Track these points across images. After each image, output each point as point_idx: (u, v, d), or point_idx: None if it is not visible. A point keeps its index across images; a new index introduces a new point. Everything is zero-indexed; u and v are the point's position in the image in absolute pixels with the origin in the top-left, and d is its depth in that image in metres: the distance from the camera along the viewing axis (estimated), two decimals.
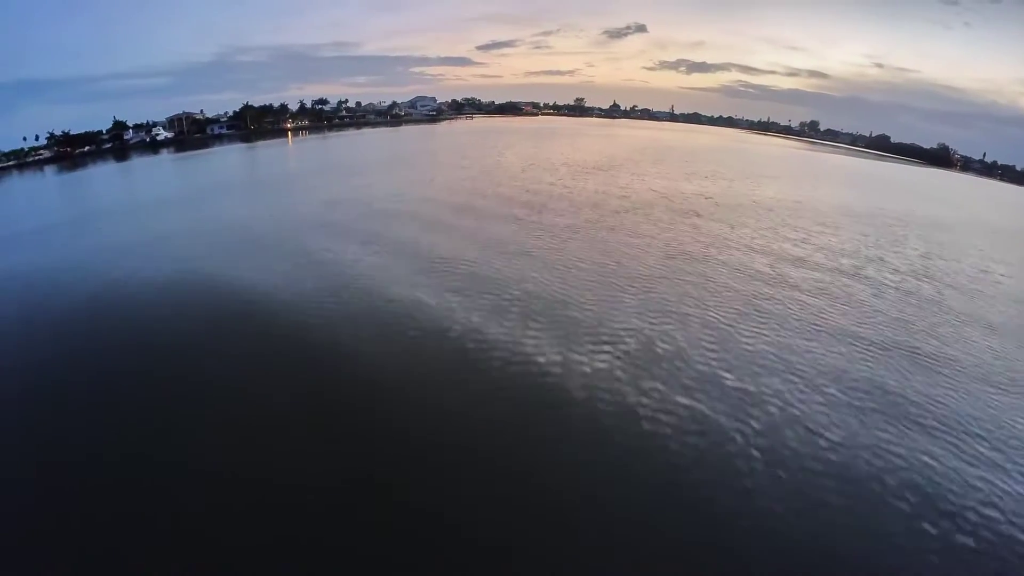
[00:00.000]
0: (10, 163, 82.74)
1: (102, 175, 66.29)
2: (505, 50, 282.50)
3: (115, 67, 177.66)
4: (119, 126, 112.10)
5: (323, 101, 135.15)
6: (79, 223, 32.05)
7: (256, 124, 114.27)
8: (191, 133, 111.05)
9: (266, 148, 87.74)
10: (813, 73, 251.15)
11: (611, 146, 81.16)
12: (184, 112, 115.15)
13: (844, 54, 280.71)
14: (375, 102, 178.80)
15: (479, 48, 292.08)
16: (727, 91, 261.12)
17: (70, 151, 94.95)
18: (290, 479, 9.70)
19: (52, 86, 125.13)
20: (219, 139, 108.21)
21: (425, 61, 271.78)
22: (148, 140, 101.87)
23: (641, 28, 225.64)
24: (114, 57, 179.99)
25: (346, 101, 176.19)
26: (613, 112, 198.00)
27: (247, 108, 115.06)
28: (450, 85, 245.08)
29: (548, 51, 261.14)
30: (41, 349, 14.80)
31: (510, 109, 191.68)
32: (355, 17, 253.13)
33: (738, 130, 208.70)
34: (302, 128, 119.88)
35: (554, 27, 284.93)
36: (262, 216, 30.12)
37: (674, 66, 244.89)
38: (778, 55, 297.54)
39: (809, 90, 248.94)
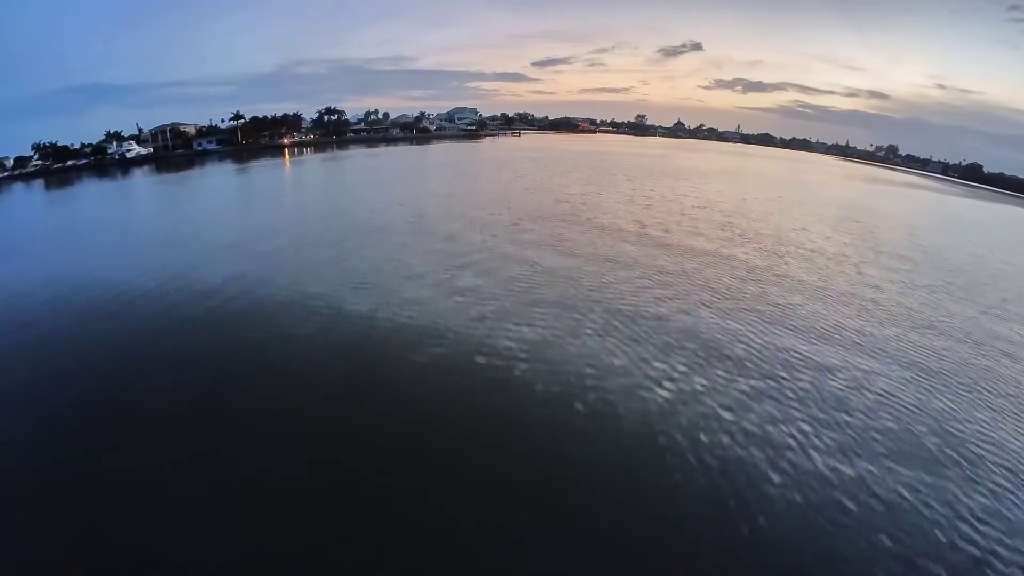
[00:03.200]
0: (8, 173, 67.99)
1: None
2: (560, 67, 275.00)
3: (181, 75, 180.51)
4: (115, 137, 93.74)
5: (332, 111, 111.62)
6: None
7: (252, 138, 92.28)
8: (175, 148, 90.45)
9: (238, 176, 64.54)
10: (873, 94, 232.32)
11: (759, 200, 47.42)
12: (172, 123, 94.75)
13: (905, 74, 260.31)
14: (407, 113, 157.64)
15: (534, 64, 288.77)
16: (784, 111, 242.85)
17: (49, 166, 76.68)
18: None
19: (122, 91, 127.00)
20: (205, 156, 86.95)
21: (481, 76, 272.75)
22: (117, 157, 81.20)
23: (697, 46, 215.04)
24: (181, 66, 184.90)
25: (375, 112, 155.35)
26: (678, 131, 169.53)
27: (239, 119, 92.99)
28: (505, 100, 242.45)
29: (603, 68, 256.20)
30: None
31: (565, 125, 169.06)
32: (412, 32, 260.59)
33: (830, 157, 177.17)
34: (306, 144, 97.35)
35: (609, 44, 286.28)
36: None
37: (730, 85, 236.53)
38: (837, 75, 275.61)
39: (869, 111, 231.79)
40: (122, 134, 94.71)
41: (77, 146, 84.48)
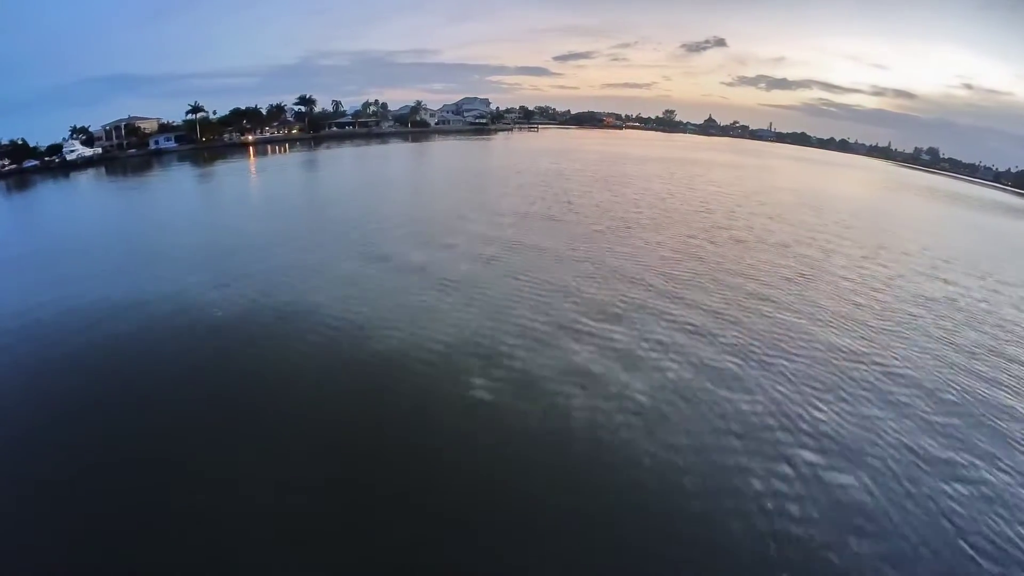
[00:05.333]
0: None
1: None
2: (582, 61, 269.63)
3: (203, 67, 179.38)
4: (81, 133, 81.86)
5: (308, 101, 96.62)
6: None
7: (214, 135, 78.99)
8: (128, 147, 77.68)
9: (156, 190, 51.06)
10: (899, 93, 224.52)
11: None
12: (128, 117, 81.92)
13: (932, 74, 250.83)
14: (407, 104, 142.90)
15: (556, 59, 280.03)
16: (808, 109, 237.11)
17: (2, 167, 65.06)
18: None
19: (143, 81, 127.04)
20: (160, 156, 73.92)
21: (503, 70, 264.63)
22: (57, 161, 68.55)
23: (720, 42, 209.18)
24: (203, 58, 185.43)
25: (374, 102, 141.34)
26: (709, 128, 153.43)
27: (198, 112, 79.51)
28: (527, 94, 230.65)
29: (625, 64, 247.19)
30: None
31: (588, 120, 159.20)
32: (434, 25, 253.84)
33: (880, 161, 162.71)
34: (277, 141, 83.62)
35: (632, 40, 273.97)
36: None
37: (753, 82, 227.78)
38: (862, 73, 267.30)
39: (895, 111, 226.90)
40: (89, 129, 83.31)
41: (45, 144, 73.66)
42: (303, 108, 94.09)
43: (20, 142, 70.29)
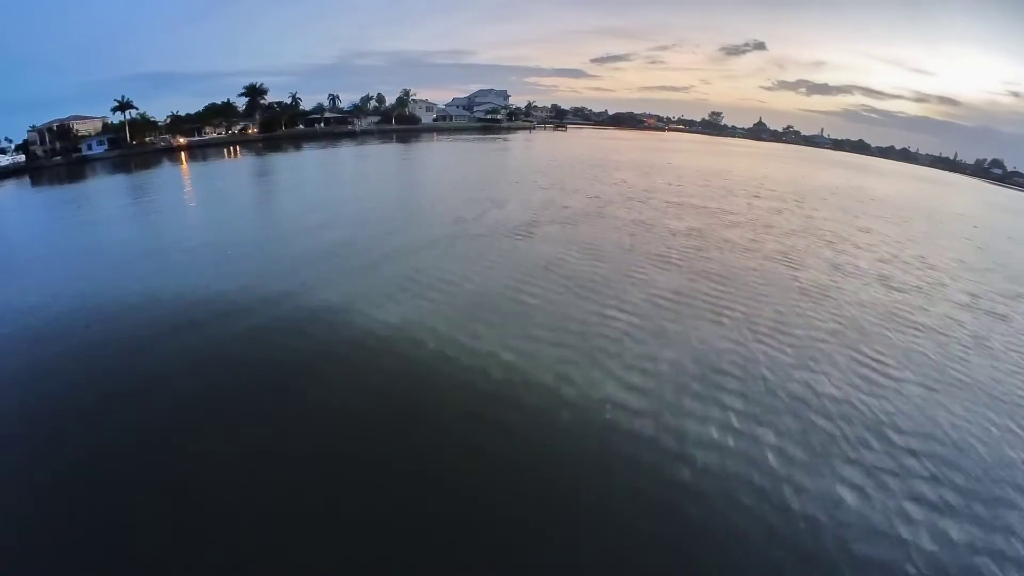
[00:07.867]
0: None
1: None
2: (619, 64, 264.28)
3: (244, 65, 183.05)
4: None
5: (257, 90, 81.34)
6: None
7: (143, 137, 66.68)
8: (52, 154, 66.51)
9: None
10: (943, 99, 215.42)
11: None
12: (69, 117, 70.85)
13: (976, 80, 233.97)
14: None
15: (593, 61, 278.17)
16: (849, 115, 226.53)
17: None
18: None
19: (183, 79, 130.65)
20: (88, 164, 62.44)
21: (539, 72, 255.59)
22: None
23: (760, 46, 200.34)
24: (242, 56, 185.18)
25: (370, 98, 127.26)
26: (760, 133, 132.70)
27: (128, 108, 67.12)
28: (563, 96, 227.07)
29: (663, 66, 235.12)
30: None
31: (627, 121, 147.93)
32: (470, 26, 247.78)
33: (951, 173, 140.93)
34: (221, 144, 70.27)
35: (669, 42, 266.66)
36: None
37: (793, 87, 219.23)
38: (903, 78, 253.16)
39: (938, 117, 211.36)
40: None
41: None
42: (257, 99, 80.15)
43: None
